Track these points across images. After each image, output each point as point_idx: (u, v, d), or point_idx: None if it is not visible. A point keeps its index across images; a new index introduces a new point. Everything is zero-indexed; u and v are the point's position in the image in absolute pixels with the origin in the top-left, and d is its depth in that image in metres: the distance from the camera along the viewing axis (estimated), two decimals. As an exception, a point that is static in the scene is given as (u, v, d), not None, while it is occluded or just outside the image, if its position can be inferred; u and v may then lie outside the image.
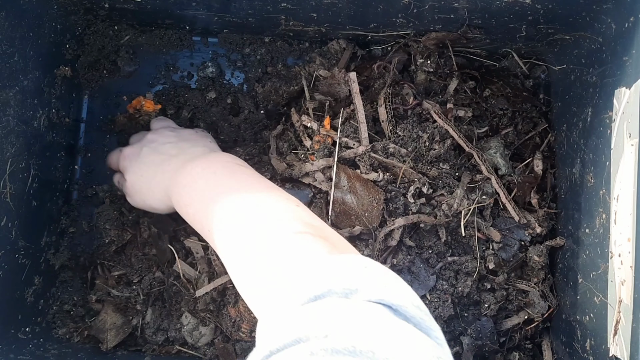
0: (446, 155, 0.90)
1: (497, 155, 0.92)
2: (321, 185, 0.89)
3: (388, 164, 0.87)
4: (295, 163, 0.91)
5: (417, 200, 0.87)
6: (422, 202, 0.87)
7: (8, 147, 0.82)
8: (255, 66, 1.02)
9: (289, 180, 0.91)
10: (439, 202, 0.88)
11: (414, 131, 0.90)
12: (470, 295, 0.88)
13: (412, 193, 0.87)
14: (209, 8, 0.91)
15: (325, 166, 0.89)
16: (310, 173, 0.90)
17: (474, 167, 0.92)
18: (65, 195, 1.00)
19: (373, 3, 0.84)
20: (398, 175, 0.87)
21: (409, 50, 0.97)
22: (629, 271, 0.65)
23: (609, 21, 0.76)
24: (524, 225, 0.90)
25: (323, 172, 0.89)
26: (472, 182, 0.90)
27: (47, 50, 0.90)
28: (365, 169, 0.88)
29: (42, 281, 0.92)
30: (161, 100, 1.01)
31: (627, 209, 0.66)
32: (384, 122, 0.92)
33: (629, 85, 0.68)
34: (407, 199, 0.87)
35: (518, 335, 0.91)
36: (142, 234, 0.95)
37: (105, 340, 0.92)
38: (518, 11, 0.81)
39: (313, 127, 0.92)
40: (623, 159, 0.68)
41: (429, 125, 0.91)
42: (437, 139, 0.90)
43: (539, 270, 0.90)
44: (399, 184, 0.88)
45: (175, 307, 0.94)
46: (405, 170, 0.87)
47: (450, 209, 0.87)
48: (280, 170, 0.91)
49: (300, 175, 0.90)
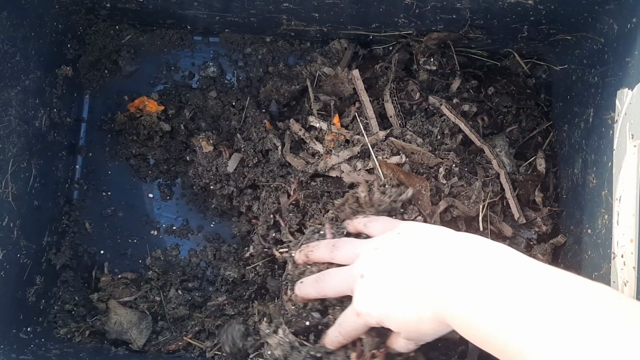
0: (457, 150, 0.91)
1: (502, 154, 0.93)
2: (350, 177, 0.88)
3: (408, 148, 0.87)
4: (312, 160, 0.91)
5: (448, 182, 0.87)
6: (454, 182, 0.87)
7: (10, 147, 0.82)
8: (257, 66, 1.02)
9: (317, 176, 0.91)
10: (459, 192, 0.88)
11: (424, 127, 0.90)
12: None
13: (443, 174, 0.87)
14: (211, 8, 0.91)
15: (351, 156, 0.88)
16: (336, 166, 0.89)
17: (479, 164, 0.92)
18: (67, 195, 1.00)
19: (375, 3, 0.84)
20: (417, 161, 0.87)
21: (411, 50, 0.97)
22: (631, 272, 0.65)
23: (611, 22, 0.76)
24: (529, 224, 0.91)
25: (349, 162, 0.89)
26: (487, 177, 0.90)
27: (48, 49, 0.90)
28: (387, 154, 0.87)
29: (43, 281, 0.92)
30: (162, 100, 1.01)
31: (630, 210, 0.66)
32: (393, 117, 0.92)
33: (632, 87, 0.68)
34: (439, 180, 0.87)
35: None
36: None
37: (133, 339, 0.92)
38: (520, 12, 0.81)
39: (322, 127, 0.92)
40: (625, 159, 0.68)
41: (436, 119, 0.91)
42: (447, 132, 0.90)
43: None
44: (425, 168, 0.88)
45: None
46: (425, 155, 0.87)
47: (469, 200, 0.87)
48: (300, 167, 0.91)
49: (327, 170, 0.90)
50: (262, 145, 0.95)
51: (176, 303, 0.95)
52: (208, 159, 0.96)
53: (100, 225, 1.01)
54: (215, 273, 0.97)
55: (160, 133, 1.00)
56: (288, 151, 0.93)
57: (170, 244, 1.01)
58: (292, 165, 0.92)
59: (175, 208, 1.02)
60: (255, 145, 0.95)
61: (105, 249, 1.00)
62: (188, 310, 0.95)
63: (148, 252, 1.00)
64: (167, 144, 1.01)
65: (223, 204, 0.99)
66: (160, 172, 1.01)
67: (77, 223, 0.99)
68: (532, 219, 0.91)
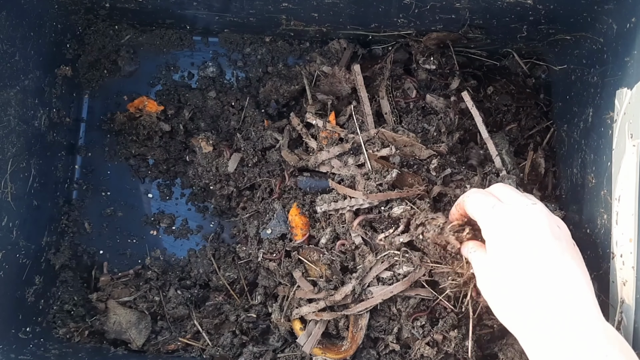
0: (454, 149, 0.91)
1: (502, 152, 0.93)
2: (340, 171, 0.88)
3: (398, 140, 0.87)
4: (305, 156, 0.92)
5: (440, 174, 0.87)
6: (446, 174, 0.87)
7: (9, 147, 0.82)
8: (256, 66, 1.02)
9: (305, 170, 0.92)
10: (458, 184, 0.88)
11: (419, 125, 0.90)
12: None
13: (435, 167, 0.87)
14: (210, 8, 0.91)
15: (341, 152, 0.89)
16: (326, 162, 0.90)
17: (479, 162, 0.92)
18: (66, 195, 1.00)
19: (374, 3, 0.84)
20: (408, 153, 0.87)
21: (410, 49, 0.97)
22: (630, 272, 0.65)
23: (610, 22, 0.76)
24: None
25: (339, 158, 0.89)
26: (487, 173, 0.90)
27: (47, 49, 0.90)
28: (377, 147, 0.87)
29: (42, 281, 0.92)
30: (161, 99, 1.01)
31: (629, 209, 0.66)
32: (388, 114, 0.92)
33: (631, 86, 0.68)
34: (430, 173, 0.87)
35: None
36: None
37: (132, 339, 0.92)
38: (519, 12, 0.81)
39: (318, 124, 0.92)
40: (625, 159, 0.68)
41: (433, 118, 0.91)
42: (443, 130, 0.90)
43: None
44: (416, 160, 0.88)
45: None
46: (416, 146, 0.87)
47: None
48: (293, 162, 0.92)
49: (317, 165, 0.90)
50: (262, 143, 0.95)
51: (175, 303, 0.95)
52: (208, 159, 0.96)
53: (100, 225, 1.01)
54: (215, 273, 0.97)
55: (160, 133, 1.00)
56: (285, 147, 0.94)
57: (169, 243, 1.00)
58: (286, 161, 0.93)
59: (174, 208, 1.02)
60: (255, 144, 0.95)
61: (104, 249, 1.00)
62: (187, 310, 0.95)
63: (147, 252, 1.00)
64: (166, 144, 1.01)
65: (222, 204, 0.99)
66: (160, 172, 1.01)
67: (76, 223, 0.99)
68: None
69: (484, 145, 0.93)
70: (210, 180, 0.97)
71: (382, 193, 0.83)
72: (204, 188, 1.00)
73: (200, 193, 1.01)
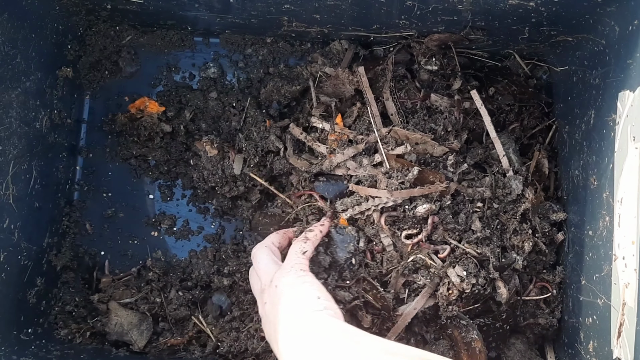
0: (462, 149, 0.91)
1: (509, 151, 0.93)
2: (357, 172, 0.88)
3: (412, 138, 0.87)
4: (314, 160, 0.91)
5: (457, 170, 0.87)
6: (463, 170, 0.87)
7: (10, 148, 0.82)
8: (257, 67, 1.02)
9: (321, 175, 0.91)
10: (470, 184, 0.88)
11: (426, 125, 0.90)
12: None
13: (452, 162, 0.87)
14: (211, 9, 0.91)
15: (355, 154, 0.88)
16: (342, 164, 0.89)
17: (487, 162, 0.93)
18: (67, 196, 1.00)
19: (376, 5, 0.84)
20: (422, 151, 0.87)
21: (412, 51, 0.97)
22: (633, 274, 0.65)
23: (612, 24, 0.76)
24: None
25: (354, 159, 0.89)
26: (497, 173, 0.90)
27: (49, 51, 0.90)
28: (392, 145, 0.87)
29: (44, 282, 0.92)
30: (163, 100, 1.01)
31: (631, 212, 0.66)
32: (394, 115, 0.92)
33: (633, 89, 0.68)
34: (447, 169, 0.87)
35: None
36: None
37: (133, 341, 0.92)
38: (521, 13, 0.81)
39: (325, 127, 0.92)
40: (627, 162, 0.68)
41: (439, 117, 0.91)
42: (450, 129, 0.90)
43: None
44: (432, 158, 0.88)
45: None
46: (429, 143, 0.87)
47: (484, 195, 0.87)
48: (304, 167, 0.91)
49: (332, 168, 0.89)
50: (264, 144, 0.95)
51: (177, 304, 0.95)
52: (213, 162, 0.96)
53: (101, 226, 1.01)
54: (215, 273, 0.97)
55: (161, 134, 1.00)
56: (291, 154, 0.93)
57: (170, 244, 1.00)
58: (296, 167, 0.92)
59: (175, 209, 1.02)
60: (257, 144, 0.95)
61: (105, 250, 1.00)
62: (189, 311, 0.95)
63: (148, 253, 1.00)
64: (167, 145, 1.01)
65: (224, 205, 0.99)
66: (161, 173, 1.01)
67: (77, 224, 0.99)
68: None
69: (489, 145, 0.93)
70: (217, 183, 0.97)
71: (406, 190, 0.83)
72: (209, 190, 1.00)
73: (202, 195, 1.00)
